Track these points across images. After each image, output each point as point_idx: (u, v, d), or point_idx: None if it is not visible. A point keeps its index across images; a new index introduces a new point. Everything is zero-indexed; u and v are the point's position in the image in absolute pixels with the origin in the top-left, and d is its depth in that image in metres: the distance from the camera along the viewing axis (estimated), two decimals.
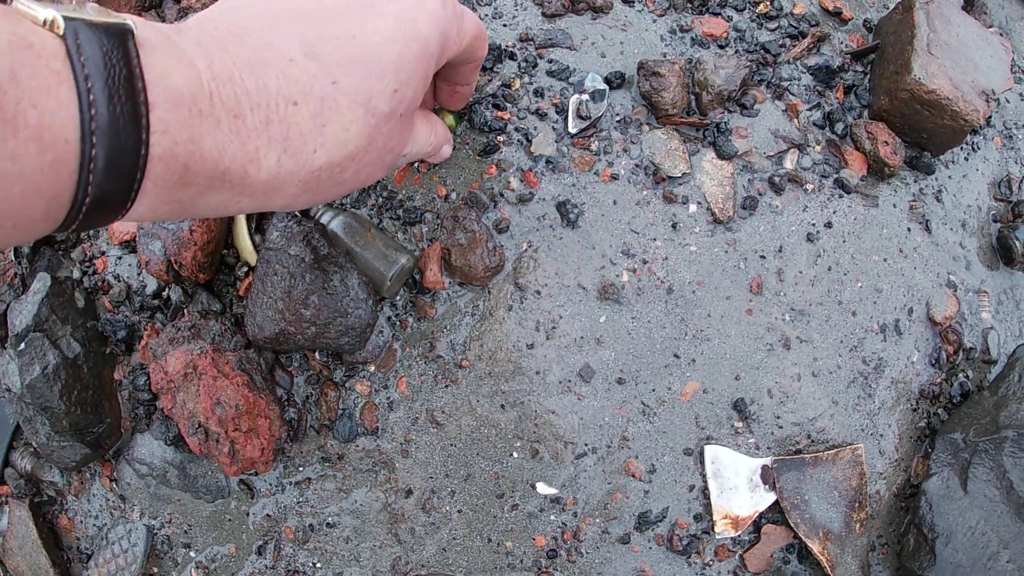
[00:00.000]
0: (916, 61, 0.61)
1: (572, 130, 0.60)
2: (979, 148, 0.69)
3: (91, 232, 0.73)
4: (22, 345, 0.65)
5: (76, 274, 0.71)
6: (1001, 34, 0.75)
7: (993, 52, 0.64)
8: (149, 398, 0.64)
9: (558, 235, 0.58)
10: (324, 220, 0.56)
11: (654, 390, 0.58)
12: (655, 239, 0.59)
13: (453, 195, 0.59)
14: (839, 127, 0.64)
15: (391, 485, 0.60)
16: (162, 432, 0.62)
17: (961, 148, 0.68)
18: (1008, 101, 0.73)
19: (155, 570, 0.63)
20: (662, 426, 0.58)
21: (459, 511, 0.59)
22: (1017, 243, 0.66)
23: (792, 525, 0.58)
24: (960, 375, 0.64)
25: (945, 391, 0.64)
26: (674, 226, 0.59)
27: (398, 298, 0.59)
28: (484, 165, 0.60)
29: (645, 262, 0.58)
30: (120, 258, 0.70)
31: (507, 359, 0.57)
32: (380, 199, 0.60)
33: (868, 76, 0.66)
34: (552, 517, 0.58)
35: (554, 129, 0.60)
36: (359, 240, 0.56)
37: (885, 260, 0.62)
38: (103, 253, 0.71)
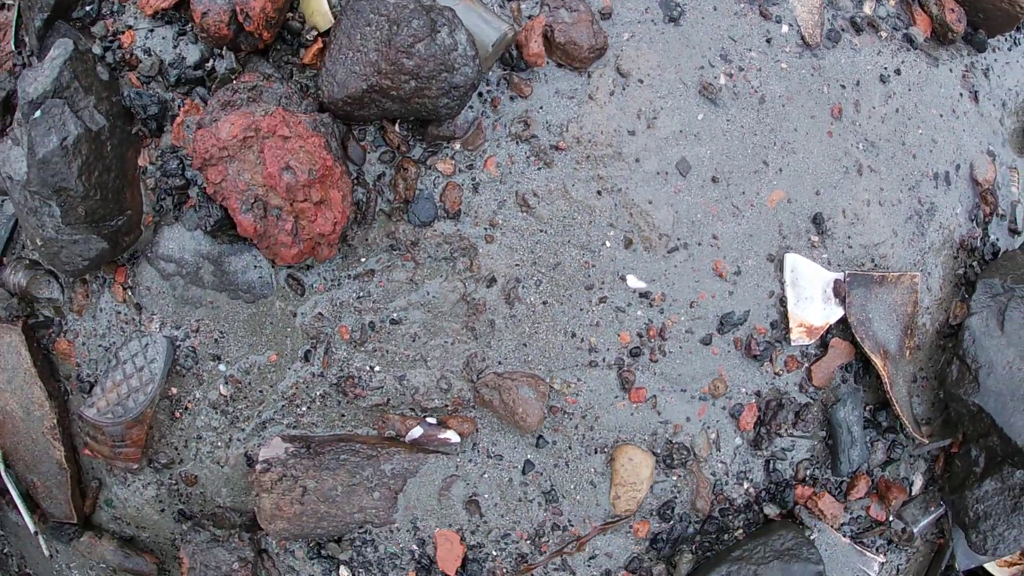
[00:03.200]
0: None
1: None
2: (1020, 43, 0.75)
3: (115, 5, 0.64)
4: (38, 113, 0.55)
5: (97, 50, 0.62)
6: None
7: None
8: (181, 184, 0.56)
9: (660, 30, 0.58)
10: None
11: (744, 192, 0.58)
12: (750, 49, 0.60)
13: None
14: None
15: (472, 274, 0.56)
16: (200, 218, 0.54)
17: (1007, 37, 0.73)
18: None
19: (174, 390, 0.54)
20: (749, 229, 0.58)
21: (544, 303, 0.56)
22: None
23: (858, 340, 0.60)
24: (991, 237, 0.69)
25: (979, 248, 0.68)
26: (768, 41, 0.60)
27: (491, 74, 0.56)
28: None
29: (741, 69, 0.59)
30: (152, 31, 0.62)
31: (607, 143, 0.56)
32: None
33: None
34: (639, 312, 0.56)
35: None
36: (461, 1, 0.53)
37: (941, 116, 0.67)
38: (130, 27, 0.63)
